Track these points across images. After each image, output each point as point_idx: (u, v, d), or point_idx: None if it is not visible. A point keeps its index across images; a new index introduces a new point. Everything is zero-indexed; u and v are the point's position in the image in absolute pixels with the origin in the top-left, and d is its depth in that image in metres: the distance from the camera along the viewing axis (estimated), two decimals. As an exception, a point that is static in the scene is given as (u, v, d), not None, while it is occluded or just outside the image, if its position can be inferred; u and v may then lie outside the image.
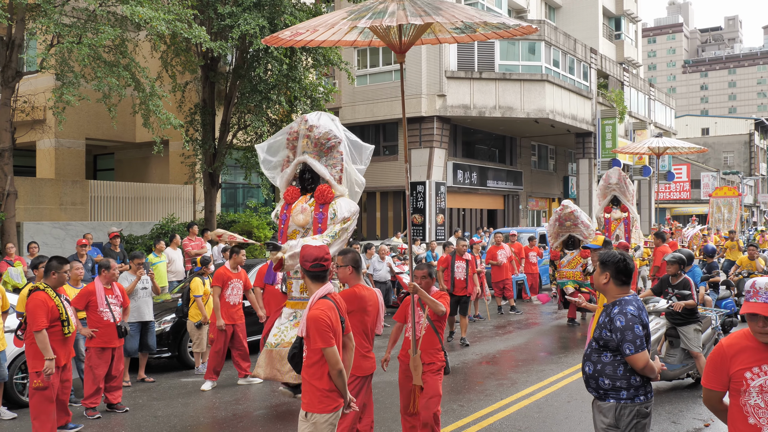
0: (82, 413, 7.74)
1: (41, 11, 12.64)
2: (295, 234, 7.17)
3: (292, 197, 7.34)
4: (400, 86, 26.16)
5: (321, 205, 7.11)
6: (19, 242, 14.53)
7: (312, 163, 7.24)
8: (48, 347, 6.50)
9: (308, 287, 4.64)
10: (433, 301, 5.79)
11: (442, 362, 5.97)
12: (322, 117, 7.35)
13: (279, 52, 14.87)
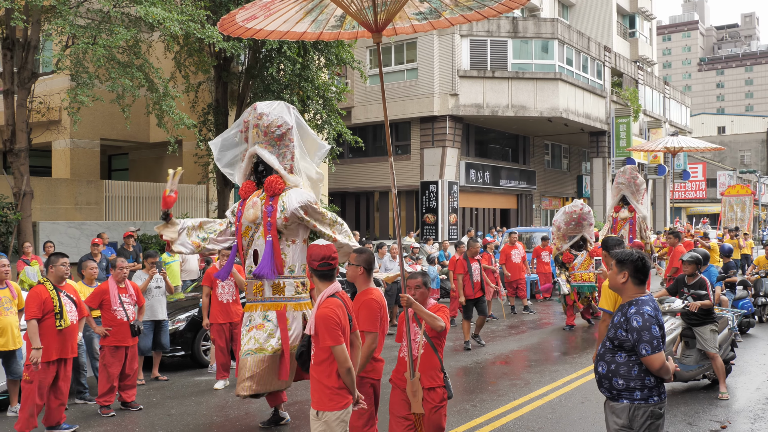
0: (97, 411, 7.79)
1: (56, 13, 12.73)
2: (248, 230, 6.67)
3: (246, 192, 6.83)
4: (412, 85, 26.19)
5: (271, 197, 6.59)
6: (35, 241, 14.65)
7: (261, 153, 6.71)
8: (36, 337, 6.64)
9: (316, 286, 4.64)
10: (431, 315, 5.04)
11: (443, 386, 5.17)
12: (275, 104, 6.84)
13: (292, 51, 14.88)
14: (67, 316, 6.89)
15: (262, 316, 6.41)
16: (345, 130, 16.95)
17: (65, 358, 6.96)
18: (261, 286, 6.56)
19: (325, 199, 22.06)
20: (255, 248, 6.55)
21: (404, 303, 5.10)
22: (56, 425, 7.06)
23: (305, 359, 4.64)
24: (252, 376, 6.29)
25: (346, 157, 27.37)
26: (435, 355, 5.15)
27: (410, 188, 26.99)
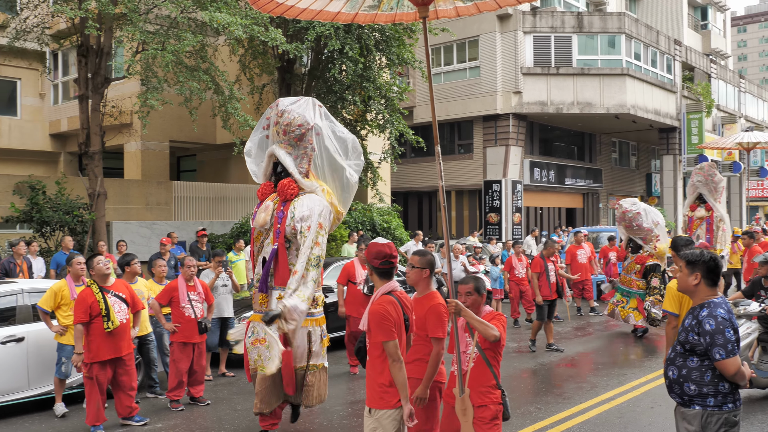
0: (167, 405, 8.00)
1: (127, 20, 13.14)
2: (259, 236, 6.29)
3: (263, 194, 6.36)
4: (474, 83, 25.93)
5: (283, 202, 6.12)
6: (109, 241, 15.16)
7: (278, 153, 6.21)
8: (80, 342, 6.89)
9: (375, 283, 4.65)
10: (484, 324, 4.56)
11: (498, 404, 4.68)
12: (299, 101, 6.33)
13: (353, 52, 14.97)
14: (115, 317, 7.02)
15: (264, 331, 5.93)
16: (407, 130, 16.95)
17: (121, 356, 7.14)
18: (265, 298, 6.17)
19: (388, 198, 22.11)
20: (264, 255, 6.15)
21: (453, 310, 4.60)
22: (128, 417, 7.30)
23: (363, 355, 4.67)
24: (257, 393, 6.12)
25: (408, 157, 27.36)
26: (488, 370, 4.68)
27: (473, 187, 26.78)
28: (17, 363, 7.65)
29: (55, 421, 7.53)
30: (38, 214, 14.41)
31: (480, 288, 4.79)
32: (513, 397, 8.28)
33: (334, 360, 10.69)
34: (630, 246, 12.63)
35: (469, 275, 5.17)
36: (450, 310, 4.60)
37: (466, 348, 4.74)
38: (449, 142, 27.93)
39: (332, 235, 18.19)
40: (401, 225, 20.56)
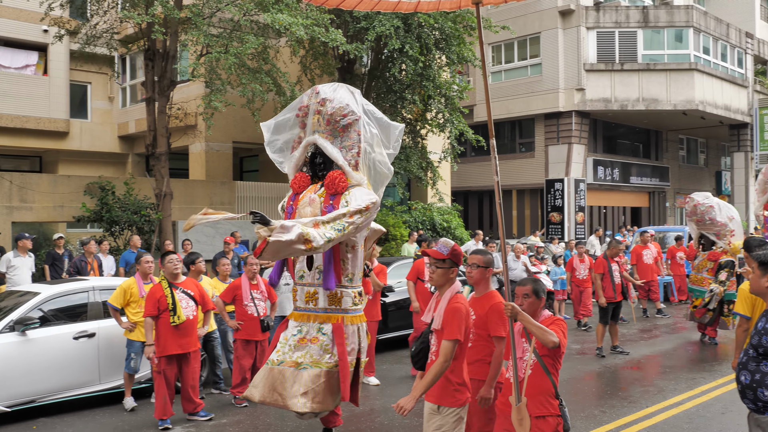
0: (231, 401, 8.16)
1: (192, 24, 13.45)
2: None
3: (300, 186, 5.89)
4: (535, 81, 25.58)
5: (332, 195, 5.66)
6: (175, 240, 15.55)
7: (323, 144, 5.78)
8: (150, 333, 7.16)
9: (440, 284, 4.67)
10: (542, 329, 4.30)
11: (557, 416, 4.43)
12: (339, 89, 5.95)
13: (413, 51, 14.96)
14: (182, 312, 7.23)
15: (317, 329, 5.55)
16: (467, 129, 16.84)
17: (186, 352, 7.33)
18: (315, 294, 5.69)
19: (448, 198, 22.03)
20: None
21: (509, 313, 4.41)
22: (194, 413, 7.48)
23: (422, 356, 4.66)
24: (306, 392, 5.49)
25: (469, 156, 27.18)
26: (547, 378, 4.42)
27: (534, 186, 26.43)
28: (89, 358, 7.92)
29: (124, 414, 7.76)
30: (108, 213, 14.89)
31: (538, 290, 4.53)
32: (576, 400, 8.12)
33: (395, 359, 10.71)
34: (701, 243, 12.18)
35: (527, 277, 5.09)
36: (506, 314, 4.41)
37: (523, 354, 4.52)
38: (510, 141, 27.63)
39: (392, 235, 18.22)
40: (461, 224, 20.45)
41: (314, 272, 5.62)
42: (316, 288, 5.66)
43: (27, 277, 11.00)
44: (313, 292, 5.70)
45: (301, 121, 5.94)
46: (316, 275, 5.60)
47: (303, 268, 5.66)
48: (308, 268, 5.62)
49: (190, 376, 7.41)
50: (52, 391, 7.64)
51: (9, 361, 7.33)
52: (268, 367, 5.63)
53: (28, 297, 7.97)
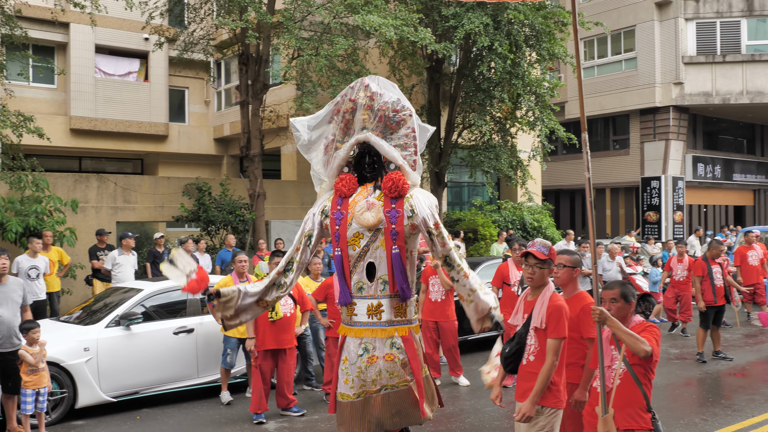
0: (322, 398, 8.30)
1: (284, 28, 13.76)
2: (358, 238, 5.05)
3: (349, 188, 5.21)
4: (630, 75, 24.71)
5: (393, 199, 5.01)
6: (268, 239, 15.96)
7: (377, 142, 5.15)
8: (250, 327, 7.44)
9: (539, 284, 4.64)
10: (632, 336, 4.05)
11: (648, 430, 4.18)
12: (385, 83, 5.37)
13: (503, 48, 14.77)
14: (279, 308, 7.45)
15: (389, 344, 5.00)
16: (558, 127, 16.48)
17: (282, 348, 7.53)
18: (379, 307, 5.09)
19: (537, 197, 21.63)
20: (370, 260, 5.00)
21: (597, 318, 4.15)
22: (287, 408, 7.66)
23: (516, 358, 4.60)
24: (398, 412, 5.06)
25: (560, 154, 26.62)
26: (637, 389, 4.17)
27: (629, 185, 25.60)
28: (188, 352, 8.24)
29: (221, 407, 8.03)
30: (204, 213, 15.44)
31: (627, 294, 4.29)
32: (676, 407, 7.81)
33: (486, 360, 10.58)
34: None
35: (615, 280, 4.92)
36: (594, 319, 4.15)
37: (612, 362, 4.28)
38: (603, 138, 26.88)
39: (481, 234, 18.07)
40: (553, 224, 20.05)
41: (377, 283, 5.01)
42: (380, 300, 5.03)
43: (130, 275, 11.54)
44: (377, 305, 5.05)
45: (343, 118, 5.25)
46: (379, 286, 5.01)
47: (362, 279, 5.02)
48: (369, 279, 5.00)
49: (286, 372, 7.60)
50: (154, 384, 8.00)
51: (115, 354, 7.73)
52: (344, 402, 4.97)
53: (132, 293, 8.38)
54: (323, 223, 5.20)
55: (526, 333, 4.58)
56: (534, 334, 4.53)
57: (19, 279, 7.51)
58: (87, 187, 14.83)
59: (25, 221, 12.00)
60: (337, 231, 5.04)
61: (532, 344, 4.54)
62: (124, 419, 7.56)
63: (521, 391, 4.58)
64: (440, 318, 9.04)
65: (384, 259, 4.93)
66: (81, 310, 8.67)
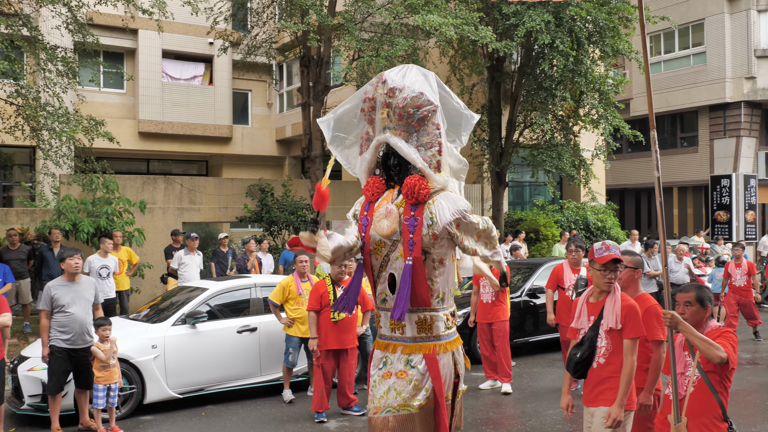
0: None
1: (344, 30, 13.87)
2: (380, 247, 4.61)
3: (374, 193, 4.78)
4: (699, 71, 23.95)
5: (413, 205, 4.55)
6: (328, 239, 16.10)
7: (395, 143, 4.65)
8: (313, 327, 7.52)
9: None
10: (707, 342, 3.88)
11: None
12: (409, 73, 4.73)
13: (564, 45, 14.54)
14: None
15: (404, 361, 4.57)
16: (623, 124, 16.11)
17: (344, 348, 7.58)
18: (399, 323, 4.69)
19: (601, 197, 21.20)
20: (391, 271, 4.60)
21: (668, 323, 3.97)
22: (347, 407, 7.72)
23: (587, 363, 4.50)
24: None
25: (625, 152, 26.01)
26: (713, 397, 3.98)
27: (698, 183, 24.81)
28: (251, 351, 8.39)
29: (283, 405, 8.15)
30: (267, 214, 15.70)
31: (703, 298, 4.12)
32: (747, 414, 7.54)
33: (547, 363, 10.46)
34: None
35: (691, 283, 4.78)
36: (665, 323, 3.99)
37: (685, 369, 4.12)
38: (670, 135, 26.13)
39: (543, 234, 17.82)
40: (617, 224, 19.61)
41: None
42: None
43: (196, 274, 11.83)
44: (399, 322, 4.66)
45: (368, 116, 4.79)
46: None
47: (385, 290, 4.63)
48: (392, 290, 4.59)
49: (347, 372, 7.67)
50: (219, 381, 8.19)
51: (181, 352, 7.94)
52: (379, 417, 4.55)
53: (197, 292, 8.59)
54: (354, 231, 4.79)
55: (596, 336, 4.47)
56: (605, 335, 4.42)
57: (91, 278, 7.81)
58: (154, 188, 15.28)
59: (97, 222, 12.44)
60: (362, 238, 4.70)
61: (602, 347, 4.44)
62: (190, 415, 7.76)
63: (592, 395, 4.48)
64: (492, 319, 8.81)
65: (401, 270, 4.51)
66: (149, 308, 8.94)
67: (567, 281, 8.45)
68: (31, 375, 7.28)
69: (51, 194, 14.92)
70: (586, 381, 4.55)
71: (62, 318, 6.89)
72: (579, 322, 4.62)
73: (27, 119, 12.64)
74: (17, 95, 12.31)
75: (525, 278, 11.11)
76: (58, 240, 11.93)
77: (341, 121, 5.01)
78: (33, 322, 11.99)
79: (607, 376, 4.38)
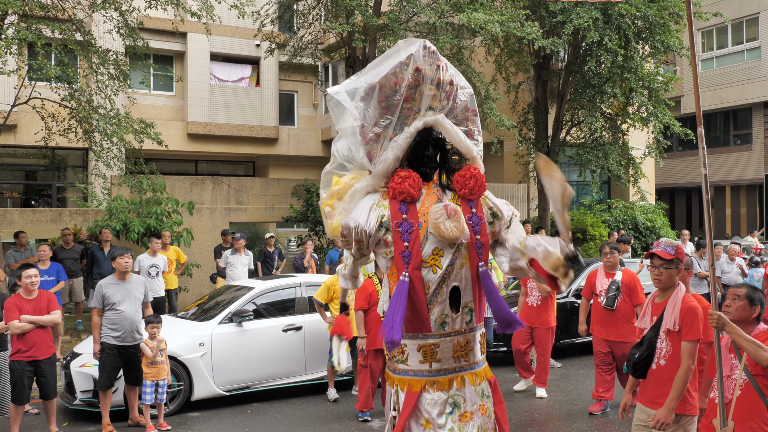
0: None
1: (389, 30, 13.88)
2: (438, 256, 3.67)
3: (417, 189, 3.75)
4: (753, 66, 23.32)
5: (470, 201, 3.82)
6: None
7: (451, 129, 3.84)
8: (361, 326, 7.43)
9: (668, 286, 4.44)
10: (754, 344, 3.76)
11: None
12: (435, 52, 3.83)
13: (613, 43, 14.29)
14: None
15: (480, 393, 3.84)
16: (673, 122, 15.75)
17: None
18: (468, 345, 3.80)
19: (650, 196, 20.76)
20: (455, 284, 3.70)
21: (714, 324, 3.85)
22: (391, 408, 7.72)
23: (646, 364, 4.41)
24: None
25: (675, 150, 25.44)
26: (761, 401, 3.87)
27: (752, 182, 24.13)
28: (296, 349, 8.46)
29: (327, 404, 8.19)
30: (312, 214, 15.81)
31: (754, 298, 3.98)
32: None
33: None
34: None
35: (746, 282, 4.69)
36: (711, 324, 3.87)
37: (731, 372, 3.98)
38: (723, 133, 25.48)
39: (591, 235, 17.54)
40: (667, 224, 19.20)
41: (463, 313, 3.75)
42: (467, 335, 3.79)
43: (243, 273, 11.99)
44: (465, 342, 3.79)
45: (407, 92, 3.77)
46: (465, 317, 3.76)
47: (445, 310, 3.70)
48: (454, 308, 3.72)
49: None
50: (264, 379, 8.27)
51: (228, 350, 8.04)
52: None
53: (244, 291, 8.70)
54: (382, 239, 3.71)
55: (656, 336, 4.40)
56: (666, 337, 4.35)
57: (140, 277, 7.98)
58: (202, 189, 15.54)
59: (146, 222, 12.70)
60: (407, 249, 3.64)
61: (663, 348, 4.37)
62: (236, 412, 7.86)
63: (650, 396, 4.42)
64: (536, 324, 8.51)
65: (470, 281, 3.74)
66: (196, 306, 9.09)
67: (599, 286, 7.71)
68: (83, 371, 7.47)
69: (102, 195, 15.28)
70: (645, 381, 4.49)
71: (113, 315, 7.05)
72: (642, 321, 4.57)
73: (80, 122, 12.97)
74: (71, 98, 12.64)
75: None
76: (109, 239, 12.21)
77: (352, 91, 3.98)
78: (85, 320, 12.33)
79: (668, 378, 4.30)
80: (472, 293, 3.74)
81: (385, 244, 3.71)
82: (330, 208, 4.26)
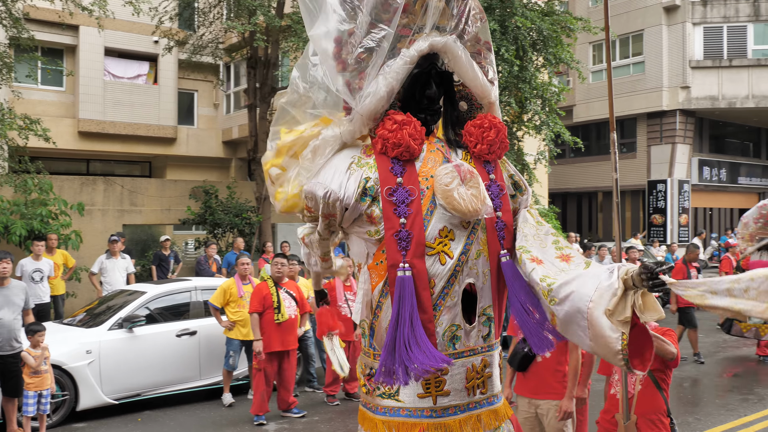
0: (323, 399, 8.35)
1: (292, 32, 13.84)
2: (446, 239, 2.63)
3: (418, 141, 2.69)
4: (638, 79, 24.55)
5: (487, 164, 2.81)
6: (274, 242, 16.02)
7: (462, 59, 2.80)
8: (257, 329, 7.43)
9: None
10: (659, 339, 3.83)
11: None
12: None
13: (509, 54, 14.79)
14: (285, 311, 7.55)
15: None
16: (563, 131, 16.45)
17: (287, 350, 7.61)
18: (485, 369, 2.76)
19: (544, 200, 21.61)
20: (469, 280, 2.68)
21: None
22: (287, 410, 7.72)
23: (531, 358, 4.58)
24: None
25: (567, 157, 26.57)
26: (658, 394, 4.06)
27: (636, 188, 25.53)
28: (190, 355, 8.30)
29: (222, 409, 8.08)
30: (211, 216, 15.53)
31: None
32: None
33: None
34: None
35: None
36: None
37: None
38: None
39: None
40: (559, 227, 20.02)
41: (479, 323, 2.73)
42: (485, 356, 2.75)
43: (120, 279, 11.01)
44: (482, 366, 2.74)
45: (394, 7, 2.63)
46: (482, 329, 2.74)
47: (456, 319, 2.66)
48: (468, 319, 2.71)
49: (289, 373, 7.67)
50: (156, 386, 8.07)
51: (117, 357, 7.79)
52: None
53: (136, 296, 8.45)
54: (364, 213, 2.63)
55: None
56: None
57: (21, 282, 7.59)
58: (93, 189, 14.95)
59: (30, 224, 12.08)
60: (404, 229, 2.56)
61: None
62: (125, 421, 7.63)
63: (533, 388, 4.55)
64: None
65: (488, 276, 2.69)
66: (84, 312, 8.75)
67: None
68: (-42, 382, 7.05)
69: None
70: (527, 374, 4.60)
71: (-11, 323, 6.68)
72: None
73: (-42, 116, 12.23)
74: (-52, 91, 11.90)
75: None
76: (-11, 242, 11.56)
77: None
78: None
79: (553, 369, 4.45)
80: (491, 295, 2.69)
81: (370, 220, 2.60)
82: (278, 170, 2.94)
